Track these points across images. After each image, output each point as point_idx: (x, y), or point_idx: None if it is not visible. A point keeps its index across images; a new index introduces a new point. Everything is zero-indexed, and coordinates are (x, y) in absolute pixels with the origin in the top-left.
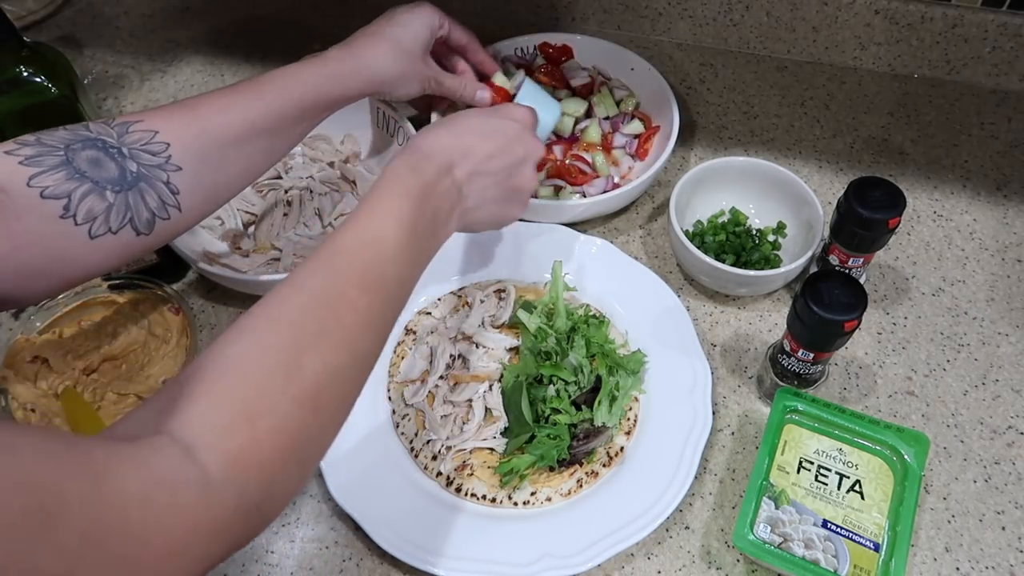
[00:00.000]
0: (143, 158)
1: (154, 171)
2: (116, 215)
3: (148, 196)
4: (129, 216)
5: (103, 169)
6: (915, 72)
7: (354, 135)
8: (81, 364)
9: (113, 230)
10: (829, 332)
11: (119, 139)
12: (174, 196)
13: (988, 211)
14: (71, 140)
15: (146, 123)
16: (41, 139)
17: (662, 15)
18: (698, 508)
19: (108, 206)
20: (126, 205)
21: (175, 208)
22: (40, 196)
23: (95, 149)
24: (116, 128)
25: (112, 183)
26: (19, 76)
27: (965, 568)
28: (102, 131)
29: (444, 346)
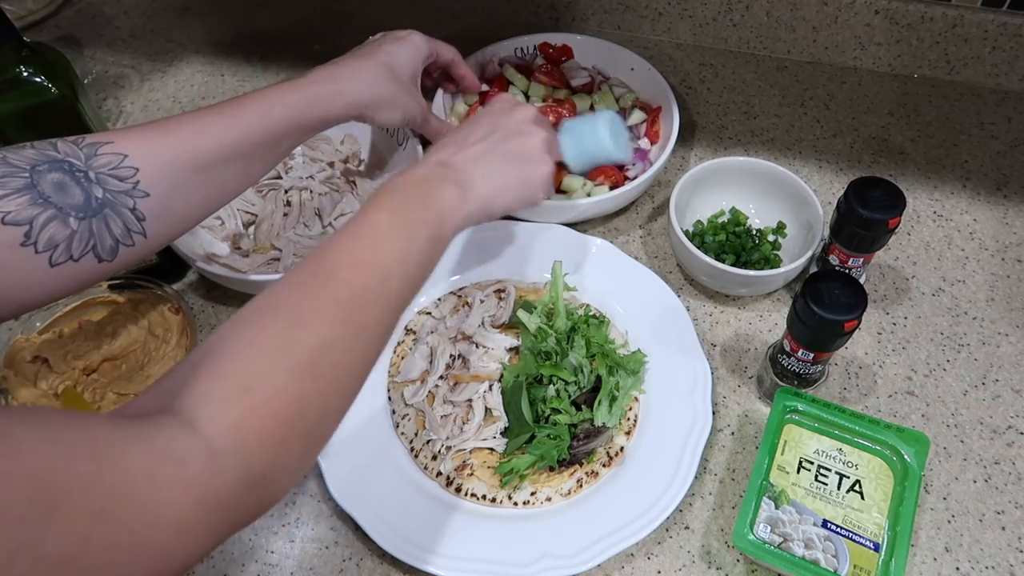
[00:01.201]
0: (110, 183)
1: (120, 197)
2: (79, 243)
3: (112, 223)
4: (92, 244)
5: (68, 194)
6: (915, 72)
7: (354, 135)
8: (81, 364)
9: (75, 258)
10: (829, 332)
11: (87, 162)
12: (139, 223)
13: (988, 211)
14: (37, 161)
15: (116, 145)
16: (7, 158)
17: (662, 15)
18: (698, 508)
19: (71, 233)
20: (89, 232)
21: (140, 235)
22: (1, 223)
23: (61, 172)
24: (85, 149)
25: (76, 209)
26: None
27: (965, 568)
28: (70, 152)
29: (444, 346)
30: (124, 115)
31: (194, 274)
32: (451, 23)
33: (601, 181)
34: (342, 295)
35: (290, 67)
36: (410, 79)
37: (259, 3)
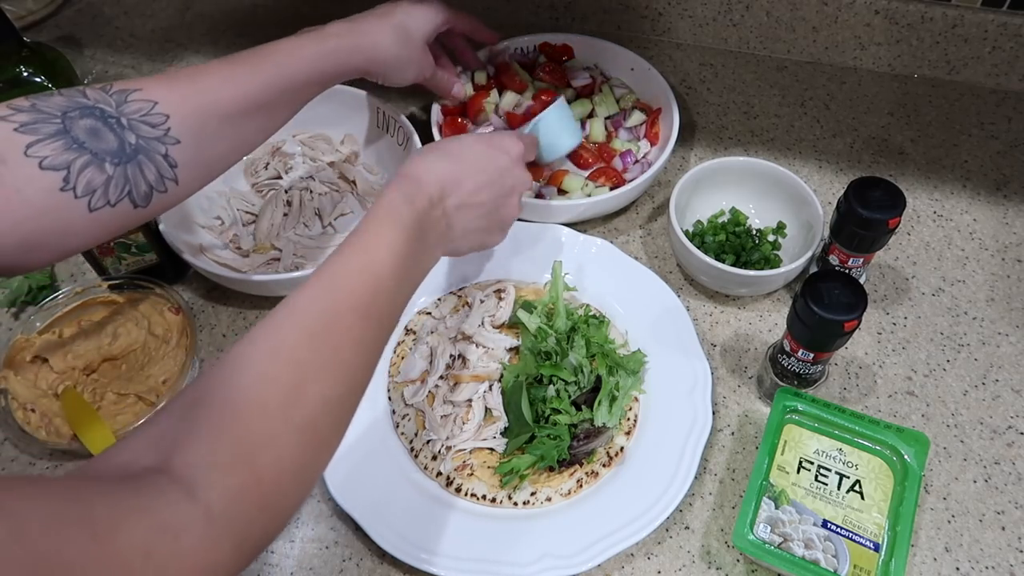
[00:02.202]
0: (142, 130)
1: (153, 143)
2: (115, 188)
3: (146, 169)
4: (128, 189)
5: (101, 140)
6: (915, 72)
7: (354, 135)
8: (81, 364)
9: (112, 203)
10: (829, 332)
11: (117, 108)
12: (172, 169)
13: (988, 211)
14: (68, 107)
15: (145, 92)
16: (37, 105)
17: (662, 15)
18: (698, 508)
19: (107, 179)
20: (125, 178)
21: (172, 181)
22: (39, 167)
23: (93, 118)
24: (114, 96)
25: (111, 155)
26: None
27: (965, 568)
28: (100, 99)
29: (444, 346)
30: None
31: (194, 274)
32: None
33: (602, 182)
34: (348, 352)
35: None
36: (423, 40)
37: (259, 3)
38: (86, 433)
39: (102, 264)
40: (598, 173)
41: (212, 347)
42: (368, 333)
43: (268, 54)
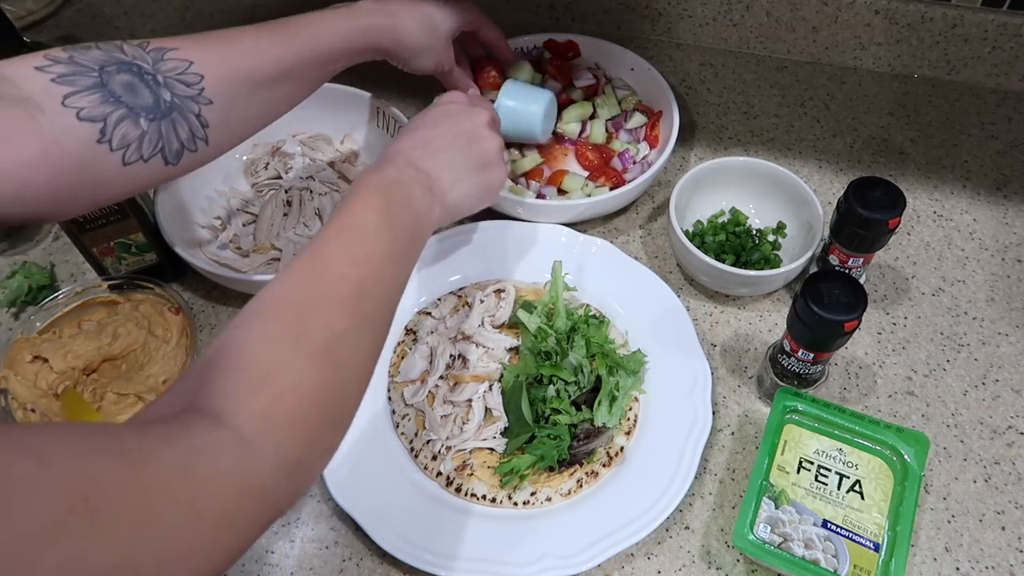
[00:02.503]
0: (177, 88)
1: (187, 102)
2: (148, 144)
3: (180, 127)
4: (161, 145)
5: (138, 95)
6: (915, 72)
7: (354, 135)
8: (81, 364)
9: (144, 158)
10: (829, 332)
11: (154, 65)
12: (203, 129)
13: (988, 211)
14: (105, 61)
15: (182, 52)
16: (74, 57)
17: (662, 15)
18: (698, 508)
19: (141, 134)
20: (159, 134)
21: (203, 141)
22: (77, 118)
23: (130, 74)
24: (152, 54)
25: (146, 110)
26: None
27: (965, 568)
28: (137, 55)
29: (444, 346)
30: None
31: (194, 274)
32: None
33: (602, 182)
34: (343, 289)
35: None
36: (448, 34)
37: (259, 3)
38: None
39: (102, 264)
40: (598, 173)
41: None
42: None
43: (304, 24)
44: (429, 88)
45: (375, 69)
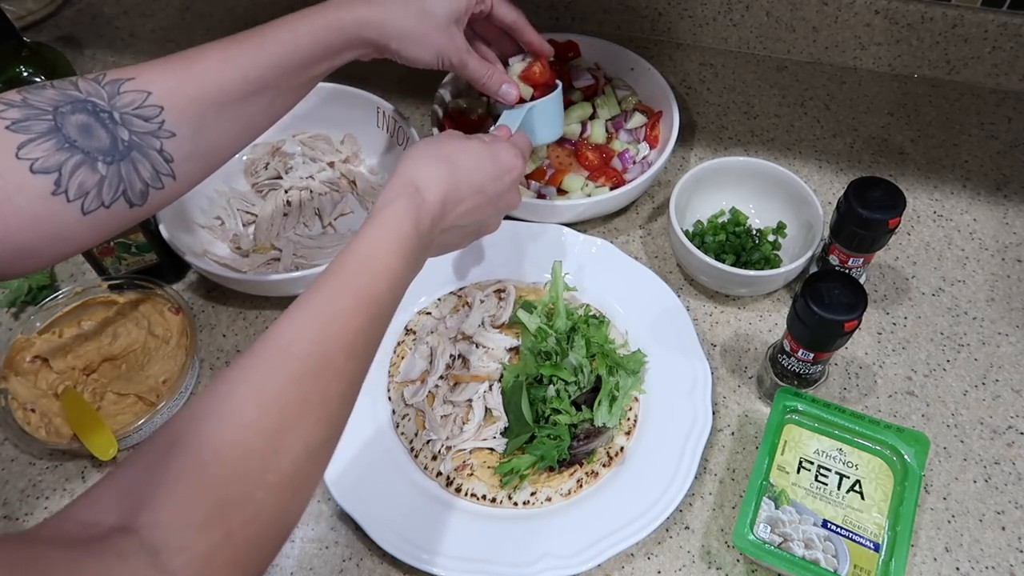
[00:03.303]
0: (135, 124)
1: (147, 139)
2: (109, 188)
3: (141, 166)
4: (122, 189)
5: (94, 137)
6: (915, 72)
7: (354, 135)
8: (81, 364)
9: (106, 204)
10: (829, 332)
11: (110, 101)
12: (168, 164)
13: (988, 211)
14: (60, 101)
15: (139, 81)
16: (28, 99)
17: (662, 15)
18: (698, 508)
19: (100, 179)
20: (119, 177)
21: (169, 176)
22: (30, 171)
23: (85, 113)
24: (107, 87)
25: (103, 153)
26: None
27: (965, 568)
28: (92, 91)
29: (444, 346)
30: None
31: (194, 274)
32: None
33: (602, 182)
34: (335, 392)
35: None
36: (447, 18)
37: (259, 3)
38: (86, 433)
39: (102, 264)
40: (598, 173)
41: (212, 347)
42: (358, 370)
43: (274, 30)
44: (430, 88)
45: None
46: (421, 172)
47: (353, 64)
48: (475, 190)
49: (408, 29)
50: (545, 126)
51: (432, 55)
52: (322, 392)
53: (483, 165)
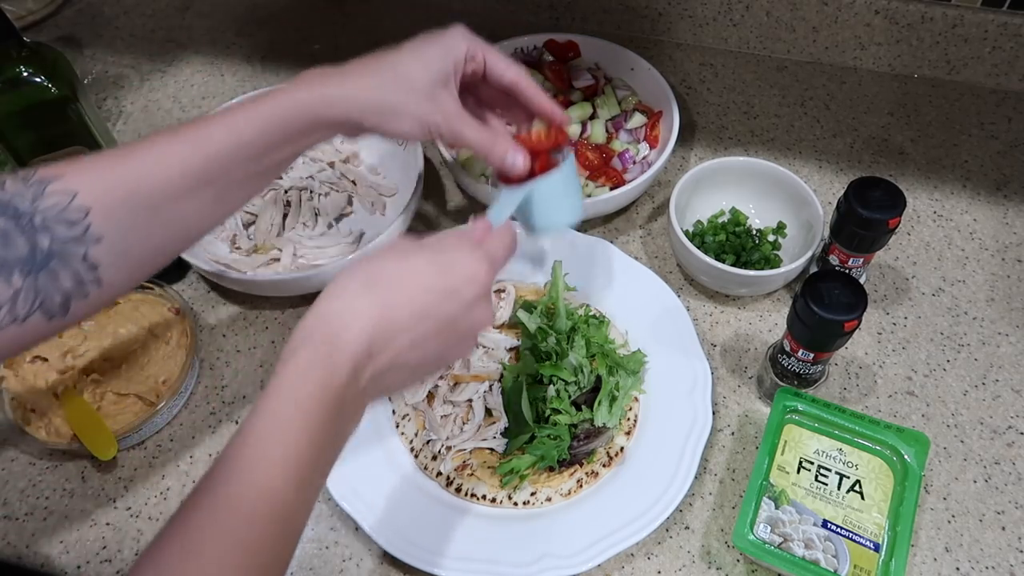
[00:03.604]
0: (58, 230)
1: (69, 246)
2: (24, 302)
3: (62, 276)
4: (39, 302)
5: (10, 246)
6: (915, 72)
7: None
8: (81, 364)
9: (20, 319)
10: (829, 332)
11: (33, 203)
12: (93, 271)
13: (988, 211)
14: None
15: (65, 181)
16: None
17: (662, 15)
18: (698, 508)
19: (14, 293)
20: (35, 289)
21: (94, 284)
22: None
23: (5, 218)
24: (32, 188)
25: (20, 264)
26: (19, 76)
27: (965, 568)
28: (17, 191)
29: None
30: (124, 115)
31: (194, 274)
32: (451, 23)
33: (602, 182)
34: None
35: (290, 67)
36: (430, 83)
37: (259, 3)
38: (86, 433)
39: None
40: (598, 173)
41: (212, 347)
42: (289, 538)
43: (217, 119)
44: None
45: None
46: (339, 306)
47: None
48: (418, 317)
49: (383, 101)
50: (554, 209)
51: (417, 127)
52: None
53: (428, 283)
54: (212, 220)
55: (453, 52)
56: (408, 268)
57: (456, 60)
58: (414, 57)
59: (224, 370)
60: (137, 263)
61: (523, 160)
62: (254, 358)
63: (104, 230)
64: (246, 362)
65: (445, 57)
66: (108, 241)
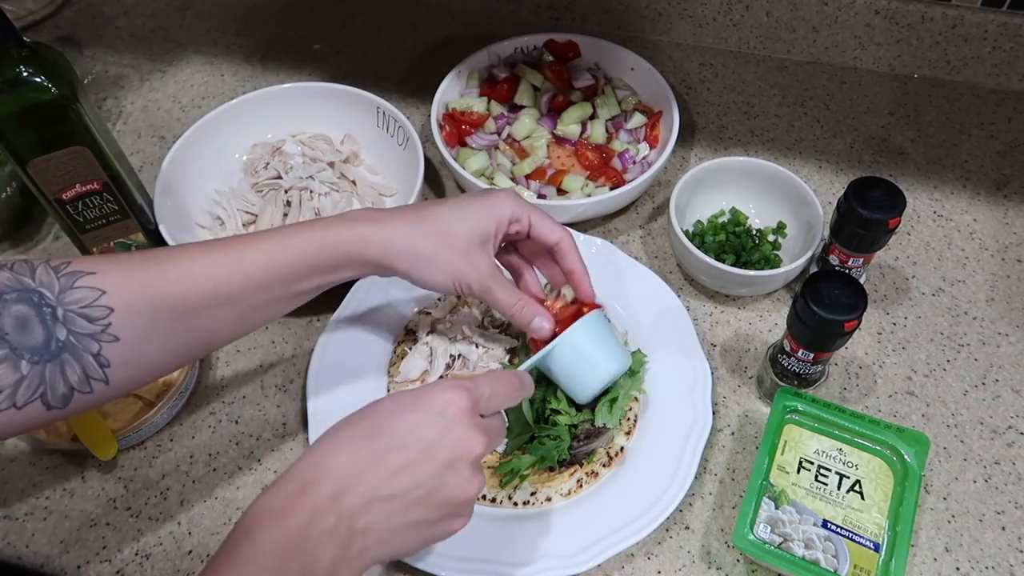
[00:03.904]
0: (77, 324)
1: (84, 341)
2: (26, 389)
3: (70, 369)
4: (41, 391)
5: (27, 333)
6: (915, 72)
7: (354, 135)
8: None
9: (18, 405)
10: (829, 332)
11: (59, 295)
12: (102, 369)
13: (988, 211)
14: (8, 287)
15: (98, 278)
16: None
17: (662, 15)
18: (698, 508)
19: (19, 379)
20: (40, 379)
21: (101, 382)
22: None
23: (28, 305)
24: (62, 279)
25: (32, 352)
26: (19, 76)
27: (965, 568)
28: (46, 282)
29: (444, 346)
30: (124, 115)
31: None
32: (451, 23)
33: (602, 182)
34: None
35: (290, 67)
36: (468, 241)
37: (259, 3)
38: (86, 433)
39: None
40: (598, 173)
41: None
42: None
43: (254, 241)
44: (431, 88)
45: (375, 68)
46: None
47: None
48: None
49: (419, 250)
50: (584, 366)
51: (447, 279)
52: None
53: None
54: (228, 336)
55: (496, 215)
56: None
57: (499, 223)
58: (457, 214)
59: (224, 370)
60: (148, 366)
61: (549, 326)
62: (254, 358)
63: (123, 331)
64: (246, 362)
65: (487, 218)
66: (124, 342)
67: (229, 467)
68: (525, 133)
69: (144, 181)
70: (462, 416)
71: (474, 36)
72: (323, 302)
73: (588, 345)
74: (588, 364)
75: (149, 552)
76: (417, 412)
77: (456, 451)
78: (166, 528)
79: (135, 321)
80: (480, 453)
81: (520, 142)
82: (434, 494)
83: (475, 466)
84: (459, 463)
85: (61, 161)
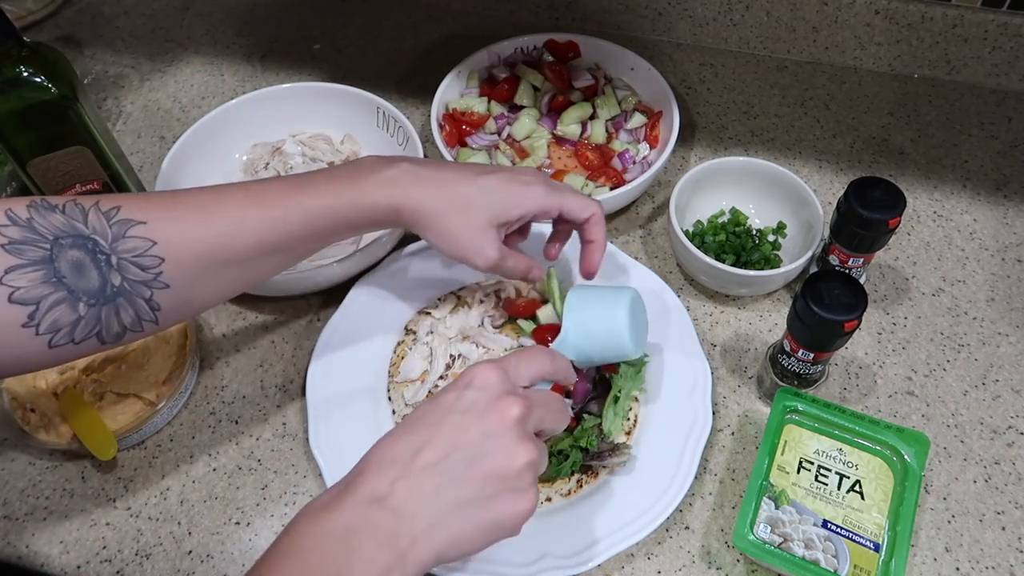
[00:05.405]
0: (131, 271)
1: (138, 287)
2: (83, 328)
3: (124, 312)
4: (97, 330)
5: (84, 278)
6: (915, 72)
7: (354, 135)
8: (81, 364)
9: (76, 341)
10: (829, 332)
11: (112, 243)
12: (153, 312)
13: (988, 211)
14: (63, 232)
15: (148, 228)
16: (33, 221)
17: (662, 15)
18: (698, 508)
19: (76, 319)
20: (97, 319)
21: (152, 323)
22: (8, 300)
23: (83, 251)
24: (114, 227)
25: (89, 295)
26: (19, 76)
27: (965, 568)
28: (98, 228)
29: (444, 346)
30: (124, 115)
31: None
32: (451, 23)
33: (602, 182)
34: None
35: (290, 67)
36: (487, 221)
37: (259, 3)
38: (86, 433)
39: None
40: (598, 173)
41: (212, 347)
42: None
43: (294, 193)
44: (431, 88)
45: (375, 68)
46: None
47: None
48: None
49: (441, 223)
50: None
51: (458, 252)
52: None
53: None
54: (263, 279)
55: (523, 208)
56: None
57: (524, 214)
58: (484, 194)
59: (224, 370)
60: (193, 308)
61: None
62: (254, 358)
63: (173, 280)
64: (246, 362)
65: (511, 207)
66: (174, 289)
67: (229, 467)
68: (525, 133)
69: (144, 181)
70: (490, 383)
71: (474, 36)
72: (323, 302)
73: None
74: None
75: (149, 552)
76: (447, 392)
77: (489, 418)
78: (166, 528)
79: (185, 270)
80: (518, 415)
81: (520, 142)
82: (475, 465)
83: (519, 433)
84: (498, 429)
85: (61, 161)
